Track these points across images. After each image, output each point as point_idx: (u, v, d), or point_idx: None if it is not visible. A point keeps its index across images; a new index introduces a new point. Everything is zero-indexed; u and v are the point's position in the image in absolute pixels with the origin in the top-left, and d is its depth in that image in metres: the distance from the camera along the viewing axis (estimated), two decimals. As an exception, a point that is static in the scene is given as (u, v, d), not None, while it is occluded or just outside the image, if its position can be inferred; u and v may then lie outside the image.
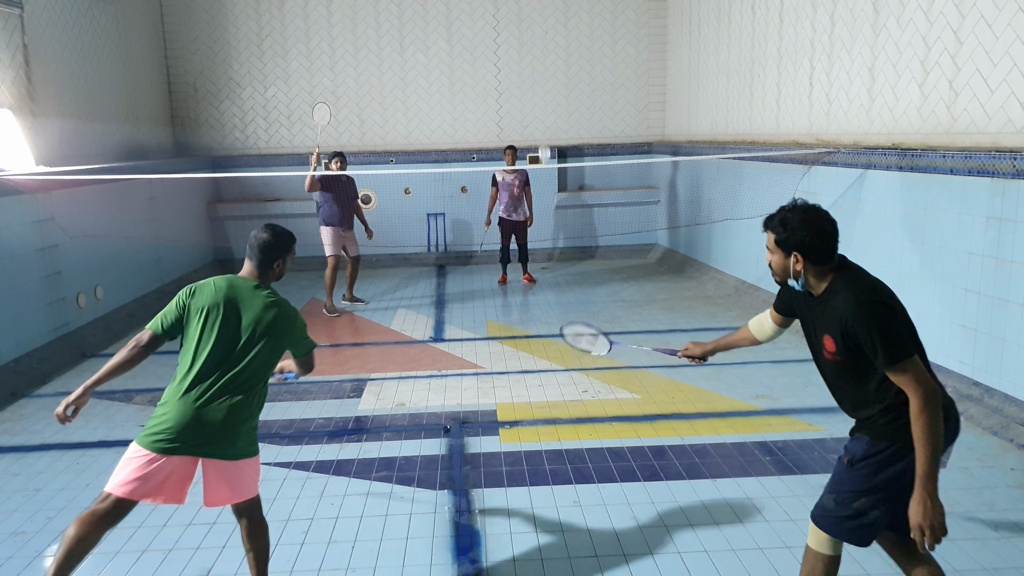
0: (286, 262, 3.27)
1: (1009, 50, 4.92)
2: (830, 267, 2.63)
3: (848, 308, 2.52)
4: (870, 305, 2.50)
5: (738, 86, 9.01)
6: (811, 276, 2.64)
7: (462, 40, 11.47)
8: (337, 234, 8.59)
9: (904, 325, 2.55)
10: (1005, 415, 4.86)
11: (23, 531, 3.98)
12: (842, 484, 2.75)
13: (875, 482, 2.67)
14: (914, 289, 5.81)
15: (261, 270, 3.21)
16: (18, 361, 6.36)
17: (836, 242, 2.62)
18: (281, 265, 3.25)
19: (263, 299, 3.14)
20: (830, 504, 2.78)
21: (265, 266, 3.21)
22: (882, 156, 6.15)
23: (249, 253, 3.22)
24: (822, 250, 2.59)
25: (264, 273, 3.22)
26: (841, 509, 2.74)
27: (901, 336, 2.49)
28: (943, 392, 2.62)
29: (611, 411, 5.45)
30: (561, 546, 3.72)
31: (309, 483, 4.45)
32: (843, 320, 2.53)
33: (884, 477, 2.65)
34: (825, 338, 2.64)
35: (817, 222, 2.59)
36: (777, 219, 2.66)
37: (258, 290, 3.16)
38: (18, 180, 6.59)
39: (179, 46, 11.19)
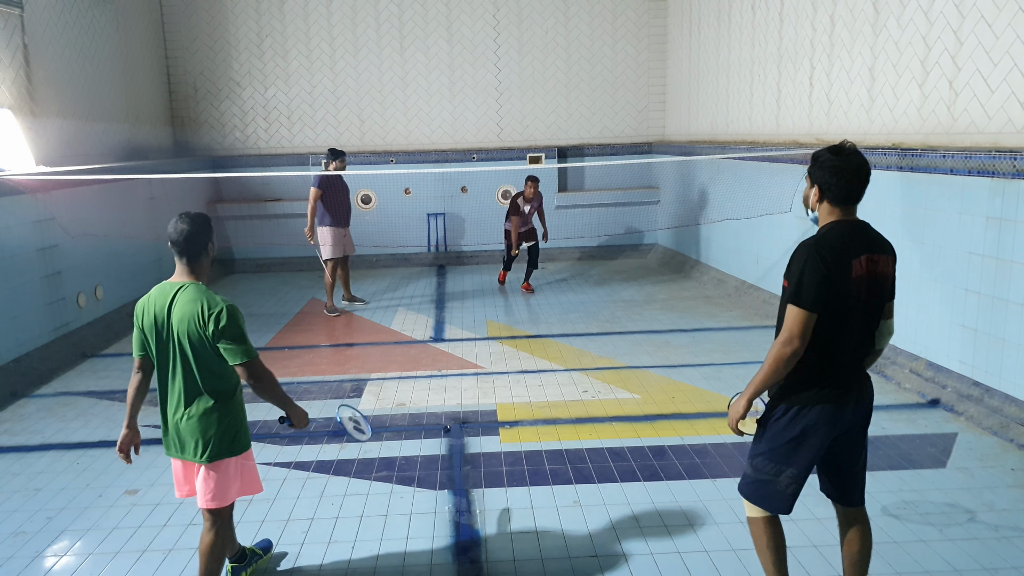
0: (214, 244, 3.16)
1: (1009, 50, 4.92)
2: (840, 211, 2.74)
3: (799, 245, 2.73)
4: (807, 248, 2.67)
5: (738, 86, 9.01)
6: (822, 211, 2.79)
7: (462, 40, 11.47)
8: (338, 234, 8.54)
9: (820, 280, 2.62)
10: (1005, 415, 4.86)
11: (23, 531, 3.98)
12: (753, 448, 2.93)
13: (776, 444, 2.82)
14: (914, 289, 5.81)
15: (192, 264, 3.06)
16: (18, 361, 6.36)
17: (854, 190, 2.71)
18: (213, 249, 3.13)
19: (186, 298, 2.98)
20: (748, 470, 2.94)
21: (195, 257, 3.05)
22: (882, 156, 6.15)
23: (174, 252, 3.07)
24: (835, 191, 2.71)
25: (196, 266, 3.07)
26: (755, 474, 2.90)
27: (806, 285, 2.62)
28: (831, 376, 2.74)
29: (611, 411, 5.45)
30: (561, 546, 3.72)
31: (309, 483, 4.45)
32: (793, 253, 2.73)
33: (783, 439, 2.80)
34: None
35: (840, 168, 2.69)
36: (817, 153, 2.79)
37: (183, 291, 3.00)
38: (18, 180, 6.59)
39: (179, 46, 11.19)
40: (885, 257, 2.76)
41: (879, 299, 2.78)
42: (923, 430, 4.98)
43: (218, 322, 2.92)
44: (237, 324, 2.97)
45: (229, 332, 2.94)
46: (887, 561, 3.52)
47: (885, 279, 2.76)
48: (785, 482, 2.83)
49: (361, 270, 11.31)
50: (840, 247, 2.67)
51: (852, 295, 2.67)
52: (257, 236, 11.35)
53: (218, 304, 2.96)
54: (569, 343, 7.21)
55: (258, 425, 5.31)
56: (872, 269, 2.71)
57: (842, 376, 2.75)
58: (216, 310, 2.94)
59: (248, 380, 3.03)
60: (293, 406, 3.21)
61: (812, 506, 4.02)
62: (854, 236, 2.72)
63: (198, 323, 2.92)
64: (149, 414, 5.47)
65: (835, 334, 2.69)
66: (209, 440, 3.05)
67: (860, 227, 2.76)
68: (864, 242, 2.72)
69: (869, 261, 2.70)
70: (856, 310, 2.70)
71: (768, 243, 8.19)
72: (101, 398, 5.93)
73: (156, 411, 5.55)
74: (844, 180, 2.69)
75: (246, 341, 3.00)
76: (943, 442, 4.79)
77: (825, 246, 2.66)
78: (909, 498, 4.09)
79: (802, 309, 2.63)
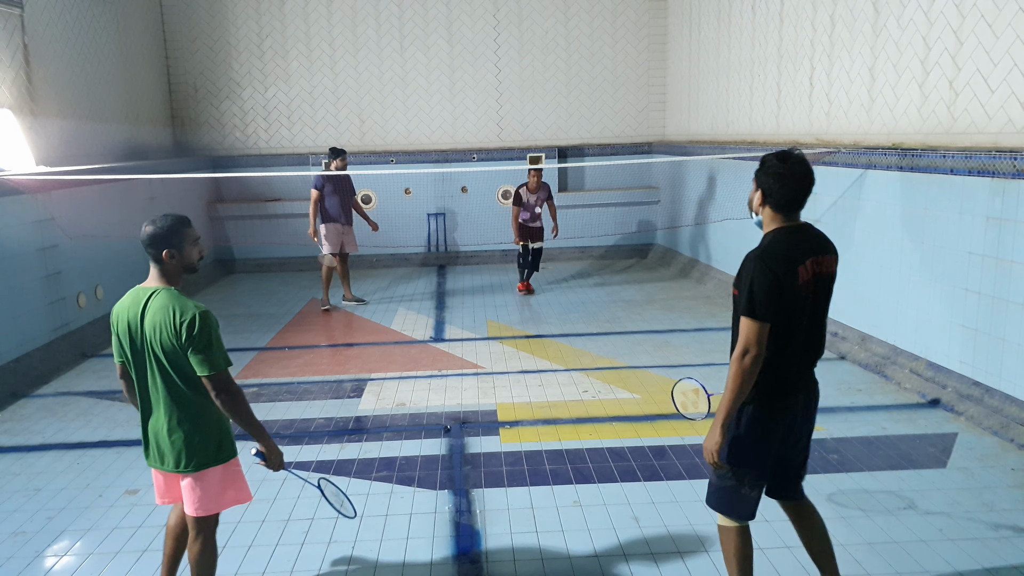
0: (183, 250, 2.89)
1: (1009, 50, 4.92)
2: (783, 216, 2.79)
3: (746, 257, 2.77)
4: (754, 260, 2.71)
5: (738, 86, 9.00)
6: (765, 216, 2.84)
7: (462, 40, 11.47)
8: (337, 230, 8.67)
9: (769, 290, 2.65)
10: (1005, 415, 4.86)
11: (23, 531, 3.98)
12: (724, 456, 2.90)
13: (736, 449, 2.83)
14: (914, 289, 5.81)
15: (159, 268, 2.89)
16: (18, 361, 6.36)
17: (796, 198, 2.76)
18: (178, 256, 2.88)
19: (157, 305, 2.83)
20: (712, 479, 2.96)
21: (157, 261, 2.87)
22: (882, 156, 6.15)
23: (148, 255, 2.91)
24: (777, 197, 2.76)
25: (162, 271, 2.89)
26: (720, 482, 2.92)
27: (758, 297, 2.65)
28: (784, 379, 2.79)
29: (611, 411, 5.45)
30: (561, 546, 3.72)
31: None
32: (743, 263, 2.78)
33: (743, 444, 2.83)
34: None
35: (785, 176, 2.73)
36: (765, 157, 2.83)
37: (155, 297, 2.85)
38: (18, 180, 6.59)
39: (179, 46, 11.19)
40: (829, 257, 2.81)
41: (826, 299, 2.84)
42: (923, 430, 4.98)
43: (190, 330, 2.76)
44: (208, 332, 2.79)
45: (198, 340, 2.78)
46: (887, 561, 3.52)
47: (831, 279, 2.82)
48: (748, 486, 2.88)
49: (361, 270, 11.31)
50: (785, 255, 2.71)
51: (801, 299, 2.72)
52: (257, 236, 11.35)
53: (190, 310, 2.79)
54: (569, 343, 7.21)
55: (258, 425, 5.31)
56: (817, 271, 2.76)
57: (794, 377, 2.82)
58: (187, 317, 2.77)
59: (214, 394, 2.84)
60: (267, 439, 3.01)
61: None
62: (798, 241, 2.77)
63: (169, 331, 2.77)
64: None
65: (788, 338, 2.74)
66: (193, 450, 2.91)
67: (803, 230, 2.81)
68: (808, 246, 2.77)
69: (814, 264, 2.75)
70: (803, 312, 2.75)
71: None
72: (101, 398, 5.93)
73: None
74: (787, 188, 2.73)
75: (216, 351, 2.82)
76: (943, 442, 4.79)
77: (771, 256, 2.70)
78: (909, 498, 4.09)
79: (756, 320, 2.66)
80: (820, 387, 3.02)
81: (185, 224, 2.93)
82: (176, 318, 2.78)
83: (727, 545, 2.97)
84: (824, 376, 6.32)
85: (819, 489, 4.20)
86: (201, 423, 2.93)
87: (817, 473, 4.39)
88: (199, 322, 2.78)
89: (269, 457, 3.03)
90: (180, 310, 2.79)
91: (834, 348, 6.65)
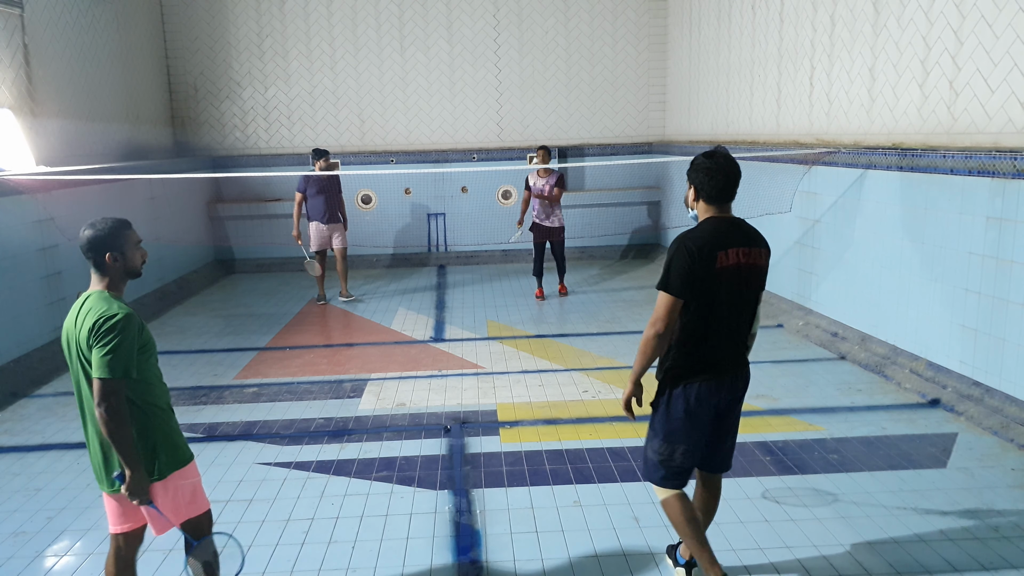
0: (126, 253, 2.78)
1: (1009, 50, 4.92)
2: (715, 208, 3.03)
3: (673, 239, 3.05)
4: (676, 240, 2.99)
5: (738, 86, 9.01)
6: (699, 210, 3.09)
7: (462, 40, 11.47)
8: (319, 230, 9.02)
9: (683, 268, 2.91)
10: (1005, 415, 4.86)
11: (23, 531, 3.98)
12: (648, 436, 3.23)
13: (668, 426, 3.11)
14: (914, 289, 5.81)
15: (99, 273, 2.76)
16: (18, 361, 6.36)
17: (725, 189, 3.01)
18: (121, 259, 2.77)
19: (87, 307, 2.68)
20: (648, 454, 3.22)
21: (100, 265, 2.75)
22: (882, 156, 6.15)
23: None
24: (708, 190, 3.01)
25: (101, 275, 2.76)
26: (655, 457, 3.17)
27: (673, 273, 2.93)
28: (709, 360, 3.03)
29: (611, 411, 5.45)
30: (561, 546, 3.72)
31: (309, 483, 4.45)
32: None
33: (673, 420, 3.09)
34: None
35: (712, 169, 3.00)
36: (694, 158, 3.10)
37: (87, 300, 2.71)
38: (18, 180, 6.59)
39: (179, 46, 11.19)
40: (758, 250, 3.04)
41: (752, 289, 3.04)
42: (923, 430, 4.98)
43: (99, 327, 2.59)
44: (116, 334, 2.59)
45: (103, 339, 2.59)
46: (887, 561, 3.52)
47: (758, 270, 3.04)
48: (679, 459, 3.13)
49: (361, 270, 11.32)
50: (706, 240, 2.94)
51: (720, 284, 2.94)
52: (257, 236, 11.35)
53: (112, 311, 2.63)
54: (569, 343, 7.21)
55: (258, 425, 5.31)
56: (740, 261, 2.97)
57: (718, 357, 3.04)
58: (105, 315, 2.61)
59: (96, 400, 2.60)
60: (136, 463, 2.68)
61: (812, 507, 4.02)
62: (725, 231, 2.99)
63: (92, 330, 2.61)
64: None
65: (706, 319, 2.98)
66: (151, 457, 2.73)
67: (733, 223, 3.05)
68: (736, 237, 3.00)
69: (739, 253, 2.97)
70: (724, 297, 2.96)
71: (768, 243, 8.18)
72: (101, 398, 5.94)
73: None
74: (715, 180, 2.99)
75: (116, 355, 2.59)
76: (943, 442, 4.79)
77: (692, 239, 2.95)
78: (909, 498, 4.09)
79: (668, 294, 2.94)
80: (819, 387, 3.05)
81: (126, 227, 2.82)
82: (98, 315, 2.62)
83: (672, 513, 3.17)
84: (824, 376, 6.34)
85: (819, 489, 4.21)
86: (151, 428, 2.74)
87: (817, 473, 4.39)
88: (112, 323, 2.60)
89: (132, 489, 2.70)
90: (103, 310, 2.64)
91: (834, 348, 6.65)
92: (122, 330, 2.62)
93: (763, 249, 3.07)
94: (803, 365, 6.32)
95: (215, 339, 7.68)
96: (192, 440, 4.97)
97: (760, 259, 3.04)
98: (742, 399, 3.19)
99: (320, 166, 8.81)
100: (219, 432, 5.18)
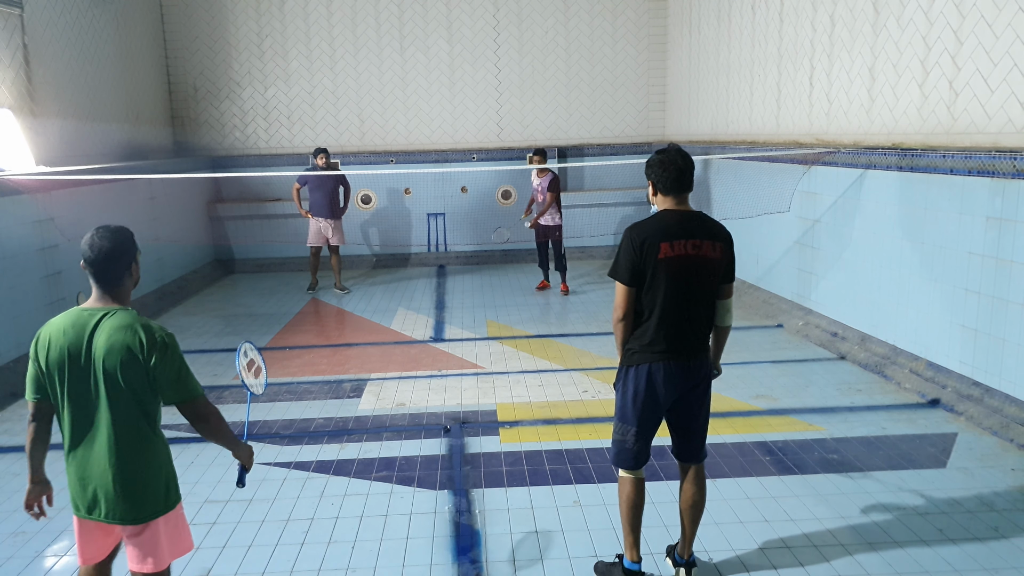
0: (138, 264, 2.65)
1: (1009, 50, 4.92)
2: (673, 199, 3.20)
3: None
4: (624, 232, 3.21)
5: (738, 86, 9.01)
6: (658, 203, 3.26)
7: (462, 40, 11.47)
8: (315, 224, 9.42)
9: (627, 260, 3.15)
10: (1005, 415, 4.86)
11: (23, 531, 3.98)
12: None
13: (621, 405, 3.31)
14: (914, 289, 5.81)
15: (112, 288, 2.55)
16: (18, 361, 6.36)
17: (676, 180, 3.18)
18: (136, 269, 2.63)
19: (115, 325, 2.49)
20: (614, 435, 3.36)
21: (117, 280, 2.56)
22: (882, 156, 6.15)
23: (91, 274, 2.54)
24: (665, 183, 3.19)
25: (116, 291, 2.57)
26: (614, 436, 3.35)
27: (620, 262, 3.18)
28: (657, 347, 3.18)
29: (611, 411, 5.42)
30: (561, 546, 3.72)
31: (309, 483, 4.45)
32: None
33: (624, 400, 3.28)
34: None
35: (665, 162, 3.19)
36: (649, 156, 3.30)
37: (110, 318, 2.51)
38: (18, 180, 6.59)
39: (179, 46, 11.19)
40: (711, 243, 3.15)
41: (702, 280, 3.16)
42: (923, 430, 4.98)
43: (163, 353, 2.48)
44: (181, 356, 2.57)
45: (173, 365, 2.52)
46: (887, 561, 3.52)
47: (709, 262, 3.14)
48: (631, 440, 3.27)
49: (361, 270, 11.32)
50: (650, 231, 3.12)
51: (663, 272, 3.10)
52: (257, 236, 11.35)
53: (159, 334, 2.51)
54: (569, 343, 7.21)
55: (258, 425, 5.31)
56: (687, 252, 3.10)
57: (668, 341, 3.16)
58: (159, 340, 2.49)
59: (193, 421, 2.61)
60: (242, 446, 2.85)
61: (812, 506, 4.03)
62: (677, 222, 3.14)
63: (138, 354, 2.46)
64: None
65: (655, 305, 3.14)
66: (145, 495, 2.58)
67: (688, 215, 3.18)
68: (689, 228, 3.13)
69: (687, 245, 3.11)
70: (671, 285, 3.11)
71: (768, 243, 8.19)
72: (101, 398, 5.93)
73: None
74: (668, 172, 3.16)
75: (192, 375, 2.60)
76: (943, 442, 4.79)
77: (637, 230, 3.16)
78: (909, 498, 4.09)
79: (619, 282, 3.18)
80: (819, 387, 3.05)
81: (133, 237, 2.64)
82: (144, 339, 2.47)
83: (621, 492, 3.34)
84: (824, 376, 6.34)
85: (819, 489, 4.21)
86: (153, 464, 2.60)
87: (817, 473, 4.39)
88: (172, 344, 2.53)
89: (246, 463, 2.88)
90: (147, 331, 2.49)
91: (834, 348, 6.65)
92: (178, 348, 2.58)
93: (719, 243, 3.17)
94: (803, 365, 6.32)
95: (215, 339, 7.68)
96: (192, 440, 4.98)
97: (713, 252, 3.14)
98: (704, 389, 3.28)
99: (321, 159, 9.13)
100: (219, 432, 5.18)
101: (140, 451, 2.57)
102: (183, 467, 4.63)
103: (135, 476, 2.56)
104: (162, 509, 2.63)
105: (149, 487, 2.59)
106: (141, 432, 2.56)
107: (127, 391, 2.49)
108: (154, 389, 2.53)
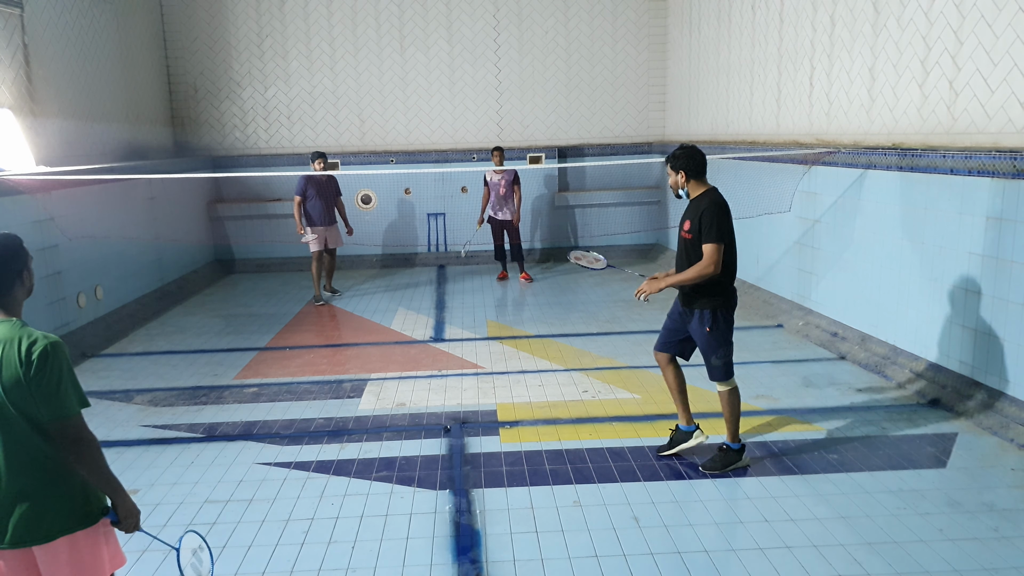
0: (31, 272, 2.51)
1: (1009, 50, 4.92)
2: (701, 182, 4.33)
3: (706, 204, 4.23)
4: (714, 205, 4.22)
5: (738, 86, 9.01)
6: (691, 187, 4.34)
7: (462, 40, 11.47)
8: (320, 232, 9.25)
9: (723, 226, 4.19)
10: (1005, 415, 4.86)
11: None
12: (716, 345, 4.33)
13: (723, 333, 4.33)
14: (914, 289, 5.81)
15: (3, 298, 2.44)
16: (18, 361, 6.35)
17: (704, 166, 4.34)
18: (29, 276, 2.50)
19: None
20: (718, 363, 4.37)
21: (7, 289, 2.44)
22: (882, 156, 6.15)
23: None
24: (696, 168, 4.31)
25: (7, 300, 2.44)
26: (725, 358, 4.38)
27: (719, 229, 4.17)
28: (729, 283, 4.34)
29: (611, 411, 5.45)
30: (561, 546, 3.72)
31: (309, 483, 4.45)
32: (701, 211, 4.22)
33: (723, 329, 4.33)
34: (686, 223, 4.33)
35: (691, 153, 4.30)
36: (670, 156, 4.36)
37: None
38: (18, 180, 6.59)
39: (179, 46, 11.19)
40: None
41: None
42: (923, 430, 4.98)
43: (42, 362, 2.29)
44: (59, 366, 2.31)
45: (53, 377, 2.29)
46: (887, 561, 3.52)
47: None
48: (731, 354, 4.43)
49: (361, 270, 11.32)
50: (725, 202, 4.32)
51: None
52: (257, 236, 11.35)
53: (38, 341, 2.32)
54: (569, 343, 7.21)
55: (258, 425, 5.31)
56: None
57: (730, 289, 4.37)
58: (36, 348, 2.30)
59: (63, 445, 2.33)
60: (123, 494, 2.47)
61: (812, 506, 4.03)
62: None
63: (16, 366, 2.29)
64: (149, 414, 5.47)
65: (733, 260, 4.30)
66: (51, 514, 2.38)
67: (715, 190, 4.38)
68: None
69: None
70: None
71: (768, 243, 8.19)
72: (101, 398, 5.93)
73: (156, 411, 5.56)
74: (695, 162, 4.30)
75: (66, 390, 2.32)
76: (943, 442, 4.79)
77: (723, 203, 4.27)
78: (909, 498, 4.09)
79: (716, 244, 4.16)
80: (819, 387, 3.06)
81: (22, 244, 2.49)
82: (23, 348, 2.31)
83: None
84: (824, 376, 6.33)
85: (819, 489, 4.21)
86: (59, 479, 2.40)
87: (817, 473, 4.39)
88: (50, 352, 2.31)
89: (122, 517, 2.50)
90: (27, 339, 2.33)
91: (834, 348, 6.65)
92: (62, 357, 2.33)
93: None
94: (803, 365, 6.32)
95: (215, 339, 7.68)
96: (192, 440, 4.98)
97: None
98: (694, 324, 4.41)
99: (319, 165, 8.89)
100: (219, 432, 5.18)
101: (36, 469, 2.37)
102: (183, 467, 4.64)
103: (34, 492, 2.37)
104: (78, 523, 2.43)
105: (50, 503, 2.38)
106: (38, 450, 2.36)
107: (11, 405, 2.32)
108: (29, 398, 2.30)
